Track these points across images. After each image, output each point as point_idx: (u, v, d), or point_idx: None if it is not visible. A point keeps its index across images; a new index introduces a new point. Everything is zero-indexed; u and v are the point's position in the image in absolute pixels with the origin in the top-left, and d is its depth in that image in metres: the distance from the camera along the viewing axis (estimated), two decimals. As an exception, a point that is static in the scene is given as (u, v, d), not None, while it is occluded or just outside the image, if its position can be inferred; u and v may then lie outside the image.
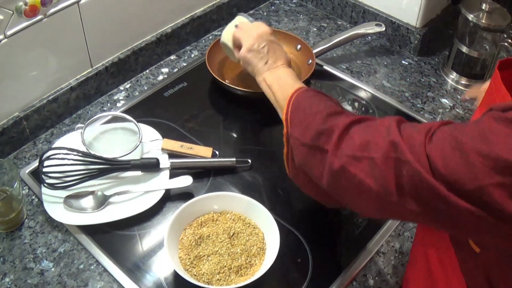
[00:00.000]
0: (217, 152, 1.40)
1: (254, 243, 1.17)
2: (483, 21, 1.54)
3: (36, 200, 1.29)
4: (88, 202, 1.25)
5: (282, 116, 1.11)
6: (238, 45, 1.35)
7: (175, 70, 1.69)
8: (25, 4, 1.25)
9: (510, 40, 1.54)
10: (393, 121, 0.87)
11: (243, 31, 1.33)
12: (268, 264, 1.10)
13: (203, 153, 1.38)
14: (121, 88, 1.62)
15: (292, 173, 1.14)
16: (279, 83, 1.20)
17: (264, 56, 1.27)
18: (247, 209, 1.22)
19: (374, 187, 0.85)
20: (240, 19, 1.40)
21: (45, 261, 1.18)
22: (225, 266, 1.12)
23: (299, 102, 1.07)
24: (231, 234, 1.18)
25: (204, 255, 1.14)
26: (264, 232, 1.19)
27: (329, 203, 1.10)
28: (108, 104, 1.56)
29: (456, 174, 0.74)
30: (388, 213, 0.92)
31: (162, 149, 1.37)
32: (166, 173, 1.32)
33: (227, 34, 1.42)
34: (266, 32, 1.31)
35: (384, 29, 1.71)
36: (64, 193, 1.25)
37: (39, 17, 1.30)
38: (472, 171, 0.72)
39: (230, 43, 1.40)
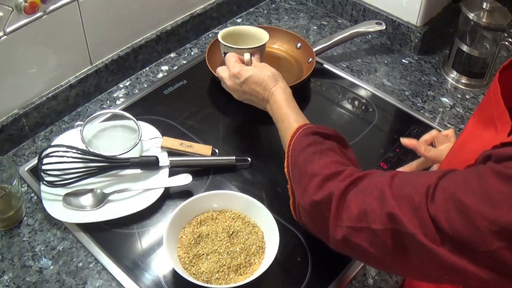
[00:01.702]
0: (216, 151, 1.40)
1: (254, 242, 1.17)
2: (484, 20, 1.54)
3: (35, 197, 1.29)
4: (87, 200, 1.25)
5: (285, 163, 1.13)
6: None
7: (175, 67, 1.69)
8: (25, 1, 1.25)
9: (510, 39, 1.54)
10: (386, 185, 0.87)
11: (223, 83, 1.35)
12: (267, 263, 1.10)
13: (202, 151, 1.38)
14: (121, 85, 1.62)
15: (298, 216, 1.13)
16: (276, 116, 1.22)
17: (252, 99, 1.29)
18: (246, 208, 1.22)
19: (379, 255, 0.87)
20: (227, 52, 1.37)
21: (44, 259, 1.17)
22: (224, 265, 1.12)
23: (295, 158, 1.08)
24: (231, 232, 1.18)
25: (203, 254, 1.14)
26: (264, 230, 1.19)
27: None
28: (108, 102, 1.56)
29: (465, 237, 0.73)
30: (399, 273, 0.99)
31: (162, 147, 1.37)
32: (166, 171, 1.32)
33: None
34: (238, 79, 1.28)
35: (384, 27, 1.71)
36: (63, 191, 1.25)
37: (38, 14, 1.30)
38: (480, 235, 0.71)
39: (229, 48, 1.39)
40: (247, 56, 1.33)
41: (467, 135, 1.00)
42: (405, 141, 1.29)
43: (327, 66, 1.71)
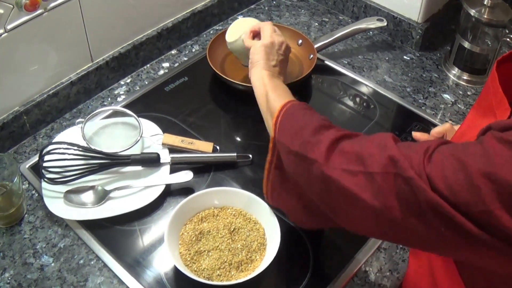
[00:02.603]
0: (217, 147, 1.40)
1: (255, 239, 1.17)
2: (485, 16, 1.53)
3: (36, 195, 1.29)
4: (88, 197, 1.25)
5: (271, 120, 1.07)
6: (255, 33, 1.37)
7: (176, 64, 1.69)
8: (25, -2, 1.25)
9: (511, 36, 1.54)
10: (389, 136, 0.84)
11: (271, 28, 1.35)
12: (268, 260, 1.10)
13: (203, 148, 1.37)
14: (122, 82, 1.61)
15: (269, 189, 1.10)
16: (275, 87, 1.20)
17: (274, 60, 1.28)
18: (247, 205, 1.22)
19: (371, 202, 0.81)
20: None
21: (45, 256, 1.17)
22: (225, 262, 1.12)
23: (293, 110, 1.04)
24: (232, 229, 1.18)
25: (204, 251, 1.14)
26: (265, 227, 1.19)
27: (312, 225, 1.08)
28: (109, 99, 1.56)
29: (461, 197, 0.71)
30: (391, 234, 0.86)
31: (163, 144, 1.37)
32: (167, 168, 1.32)
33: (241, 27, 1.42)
34: (289, 50, 1.35)
35: (385, 24, 1.71)
36: (64, 188, 1.25)
37: (39, 11, 1.30)
38: (478, 194, 0.70)
39: (239, 36, 1.41)
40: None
41: (466, 126, 0.99)
42: (417, 135, 1.24)
43: (328, 62, 1.71)
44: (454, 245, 0.76)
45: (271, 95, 1.16)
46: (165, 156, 1.33)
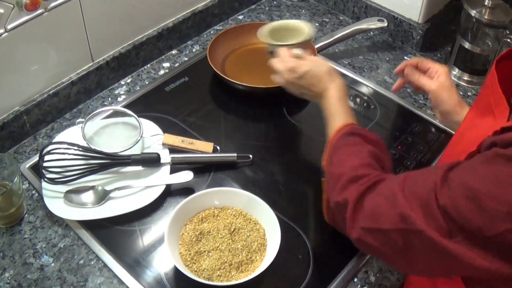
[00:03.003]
0: (218, 147, 1.40)
1: (255, 239, 1.17)
2: (486, 17, 1.53)
3: (36, 195, 1.29)
4: (88, 197, 1.25)
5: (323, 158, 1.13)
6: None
7: (177, 64, 1.69)
8: (26, -2, 1.25)
9: (512, 36, 1.54)
10: (398, 187, 0.88)
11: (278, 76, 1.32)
12: (269, 260, 1.10)
13: (204, 148, 1.37)
14: (122, 82, 1.61)
15: (326, 208, 1.15)
16: (327, 116, 1.20)
17: (307, 93, 1.28)
18: (248, 205, 1.22)
19: (390, 254, 0.89)
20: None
21: (45, 256, 1.17)
22: (225, 262, 1.12)
23: (332, 156, 1.09)
24: (232, 229, 1.18)
25: (204, 251, 1.14)
26: (265, 228, 1.19)
27: None
28: (109, 99, 1.56)
29: (473, 223, 0.74)
30: (408, 270, 1.01)
31: (163, 144, 1.37)
32: (167, 168, 1.32)
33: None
34: (295, 73, 1.27)
35: (386, 24, 1.71)
36: (64, 188, 1.25)
37: (40, 11, 1.30)
38: (488, 218, 0.72)
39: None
40: (298, 51, 1.32)
41: (465, 126, 1.00)
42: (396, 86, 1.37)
43: (328, 63, 1.71)
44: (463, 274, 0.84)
45: (327, 124, 1.19)
46: (166, 156, 1.33)
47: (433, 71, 1.28)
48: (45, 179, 1.24)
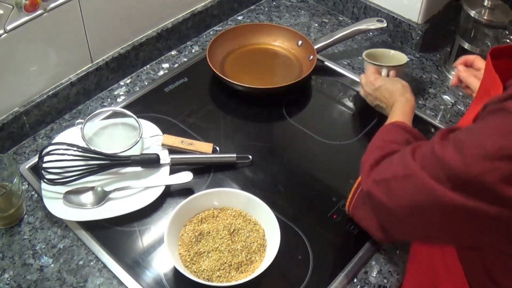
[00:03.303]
0: (217, 148, 1.40)
1: (255, 240, 1.17)
2: (485, 18, 1.53)
3: (36, 195, 1.29)
4: (88, 197, 1.25)
5: None
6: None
7: (176, 65, 1.69)
8: (25, -2, 1.25)
9: (511, 37, 1.54)
10: (409, 150, 0.91)
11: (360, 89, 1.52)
12: (268, 261, 1.10)
13: (203, 149, 1.37)
14: (122, 83, 1.61)
15: (352, 204, 1.18)
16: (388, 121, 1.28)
17: (381, 105, 1.42)
18: (247, 206, 1.22)
19: (388, 204, 0.92)
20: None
21: (44, 257, 1.17)
22: (225, 263, 1.12)
23: (377, 132, 1.19)
24: (232, 230, 1.18)
25: (204, 252, 1.14)
26: (265, 228, 1.19)
27: (385, 239, 1.13)
28: (109, 100, 1.55)
29: (454, 169, 0.78)
30: (408, 233, 1.01)
31: (163, 145, 1.37)
32: (166, 169, 1.32)
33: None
34: (372, 85, 1.44)
35: (385, 25, 1.70)
36: (63, 189, 1.25)
37: (39, 11, 1.30)
38: (466, 162, 0.76)
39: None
40: (384, 71, 1.49)
41: (464, 117, 1.04)
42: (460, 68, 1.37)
43: (328, 63, 1.71)
44: (454, 228, 0.84)
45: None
46: (165, 157, 1.33)
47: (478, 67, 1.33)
48: (45, 180, 1.24)
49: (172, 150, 1.37)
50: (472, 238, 0.85)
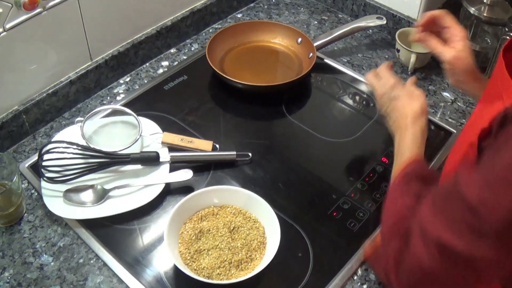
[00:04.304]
0: (217, 146, 1.40)
1: (255, 237, 1.17)
2: (485, 15, 1.53)
3: (36, 194, 1.29)
4: (87, 196, 1.25)
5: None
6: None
7: (175, 63, 1.69)
8: (24, -3, 1.25)
9: (511, 34, 1.53)
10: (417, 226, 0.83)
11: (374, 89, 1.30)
12: (268, 258, 1.10)
13: (203, 146, 1.37)
14: (121, 81, 1.61)
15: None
16: (396, 152, 1.15)
17: (390, 114, 1.23)
18: (247, 203, 1.22)
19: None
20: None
21: (44, 255, 1.17)
22: (225, 261, 1.12)
23: (388, 197, 1.03)
24: (232, 228, 1.18)
25: (204, 249, 1.14)
26: (265, 226, 1.19)
27: None
28: (108, 98, 1.55)
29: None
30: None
31: (162, 143, 1.37)
32: (166, 166, 1.32)
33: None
34: (391, 89, 1.25)
35: (385, 22, 1.70)
36: (63, 187, 1.25)
37: (38, 10, 1.30)
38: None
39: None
40: (413, 57, 1.58)
41: (474, 117, 1.01)
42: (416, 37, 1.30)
43: (327, 61, 1.71)
44: None
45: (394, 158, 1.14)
46: (165, 155, 1.33)
47: (452, 33, 1.23)
48: (44, 178, 1.24)
49: (172, 148, 1.37)
50: None
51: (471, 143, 0.88)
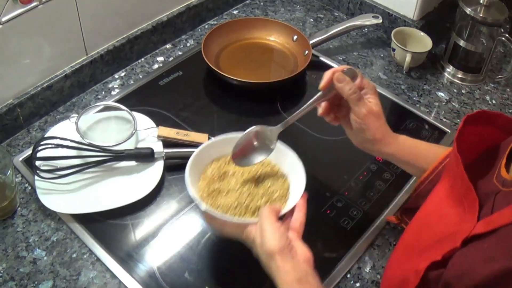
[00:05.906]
0: (212, 139, 1.39)
1: (278, 189, 1.08)
2: (481, 15, 1.54)
3: (29, 188, 1.29)
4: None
5: None
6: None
7: (171, 59, 1.69)
8: (20, -10, 1.24)
9: (507, 35, 1.54)
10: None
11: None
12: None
13: (199, 139, 1.36)
14: (116, 76, 1.61)
15: None
16: None
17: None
18: (280, 159, 1.13)
19: None
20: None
21: (37, 249, 1.17)
22: (242, 203, 1.04)
23: None
24: (257, 176, 1.11)
25: (224, 190, 1.07)
26: (291, 184, 1.10)
27: None
28: (103, 92, 1.55)
29: None
30: None
31: (158, 136, 1.36)
32: (161, 162, 1.32)
33: None
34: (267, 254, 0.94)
35: (381, 21, 1.71)
36: (58, 181, 1.25)
37: (34, 3, 1.29)
38: None
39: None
40: (408, 56, 1.62)
41: (435, 205, 0.96)
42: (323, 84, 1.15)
43: (323, 59, 1.71)
44: None
45: None
46: (159, 151, 1.32)
47: (363, 86, 1.09)
48: (38, 174, 1.24)
49: (167, 143, 1.36)
50: None
51: (416, 270, 0.84)
